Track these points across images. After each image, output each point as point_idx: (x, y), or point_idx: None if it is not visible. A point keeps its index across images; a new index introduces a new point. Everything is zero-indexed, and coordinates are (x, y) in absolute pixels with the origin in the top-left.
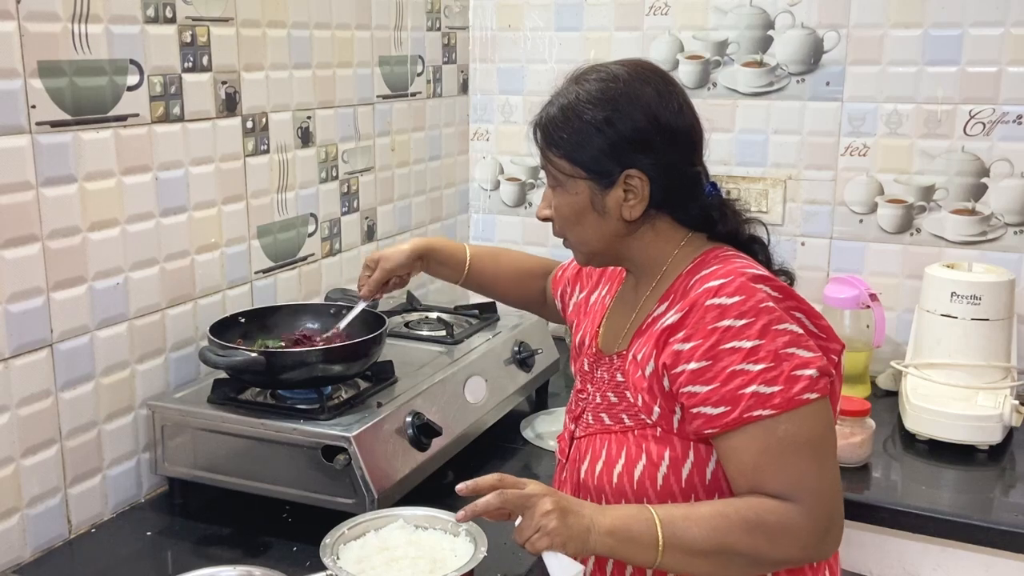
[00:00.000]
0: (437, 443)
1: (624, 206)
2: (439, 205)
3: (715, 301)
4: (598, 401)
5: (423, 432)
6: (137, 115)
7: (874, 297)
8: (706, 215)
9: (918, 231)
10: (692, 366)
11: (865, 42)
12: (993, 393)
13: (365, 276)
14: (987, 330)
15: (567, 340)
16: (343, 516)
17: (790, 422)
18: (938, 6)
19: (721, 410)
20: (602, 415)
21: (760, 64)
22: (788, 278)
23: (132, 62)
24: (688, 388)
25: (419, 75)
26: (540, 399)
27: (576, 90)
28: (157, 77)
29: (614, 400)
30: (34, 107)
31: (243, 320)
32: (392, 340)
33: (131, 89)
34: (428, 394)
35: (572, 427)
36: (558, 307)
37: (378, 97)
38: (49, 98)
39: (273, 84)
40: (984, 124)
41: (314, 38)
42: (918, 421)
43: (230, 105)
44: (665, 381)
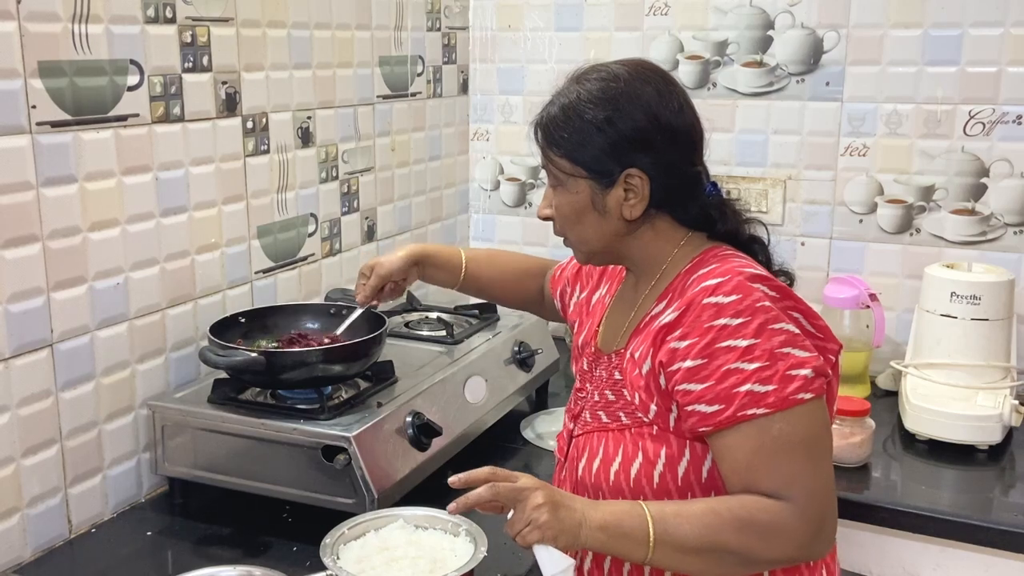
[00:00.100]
0: (437, 443)
1: (624, 205)
2: (439, 205)
3: (712, 300)
4: (596, 399)
5: (423, 432)
6: (137, 115)
7: (874, 297)
8: (706, 215)
9: (918, 231)
10: (688, 364)
11: (865, 42)
12: (993, 393)
13: (361, 284)
14: (987, 330)
15: (567, 340)
16: (343, 516)
17: (784, 421)
18: (938, 6)
19: (715, 408)
20: (600, 413)
21: (760, 64)
22: (788, 279)
23: (132, 62)
24: (683, 386)
25: (419, 75)
26: (540, 399)
27: (577, 89)
28: (157, 77)
29: (612, 398)
30: (34, 107)
31: (243, 320)
32: (392, 340)
33: (131, 89)
34: (428, 394)
35: (571, 426)
36: (558, 307)
37: (378, 97)
38: (49, 98)
39: (273, 84)
40: (984, 124)
41: (314, 38)
42: (918, 421)
43: (230, 105)
44: (661, 379)
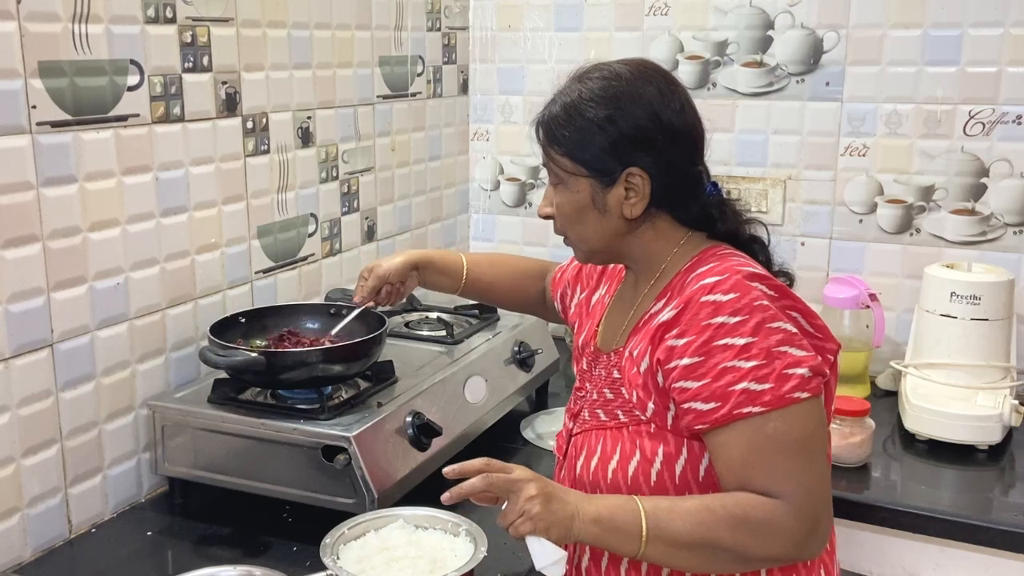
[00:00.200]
0: (437, 443)
1: (625, 204)
2: (439, 205)
3: (710, 298)
4: (595, 398)
5: (423, 432)
6: (137, 115)
7: (874, 297)
8: (706, 214)
9: (918, 231)
10: (685, 362)
11: (865, 42)
12: (993, 393)
13: (360, 285)
14: (986, 330)
15: (567, 340)
16: (343, 516)
17: (780, 420)
18: (938, 6)
19: (711, 406)
20: (598, 411)
21: (760, 64)
22: (788, 279)
23: (132, 62)
24: (680, 383)
25: (419, 75)
26: (540, 399)
27: (579, 88)
28: (157, 77)
29: (610, 396)
30: (35, 107)
31: (243, 320)
32: (392, 340)
33: (131, 89)
34: (428, 394)
35: (570, 425)
36: (558, 309)
37: (378, 97)
38: (49, 98)
39: (273, 84)
40: (984, 124)
41: (314, 38)
42: (918, 421)
43: (230, 105)
44: (659, 377)
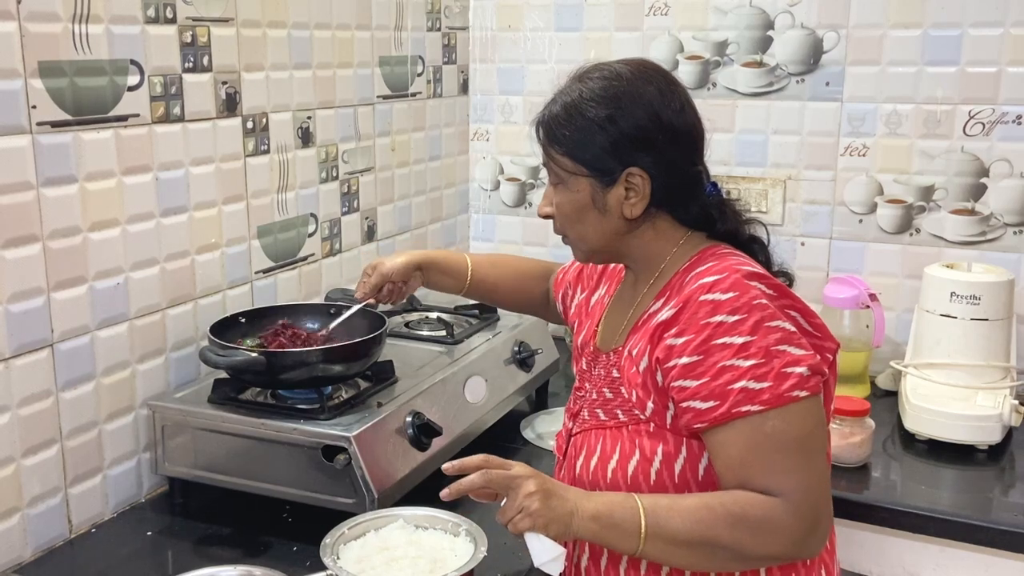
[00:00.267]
0: (437, 443)
1: (625, 204)
2: (439, 205)
3: (709, 297)
4: (594, 397)
5: (423, 432)
6: (137, 115)
7: (874, 297)
8: (706, 214)
9: (918, 231)
10: (684, 360)
11: (865, 42)
12: (992, 393)
13: (362, 282)
14: (986, 330)
15: (567, 340)
16: (343, 516)
17: (778, 419)
18: (938, 6)
19: (710, 405)
20: (598, 411)
21: (760, 64)
22: (787, 279)
23: (132, 62)
24: (679, 382)
25: (419, 75)
26: (540, 399)
27: (579, 88)
28: (157, 77)
29: (609, 396)
30: (35, 107)
31: (243, 320)
32: (392, 340)
33: (131, 89)
34: (428, 394)
35: (570, 424)
36: (559, 310)
37: (378, 97)
38: (50, 98)
39: (273, 84)
40: (983, 124)
41: (314, 38)
42: (918, 421)
43: (230, 105)
44: (658, 376)
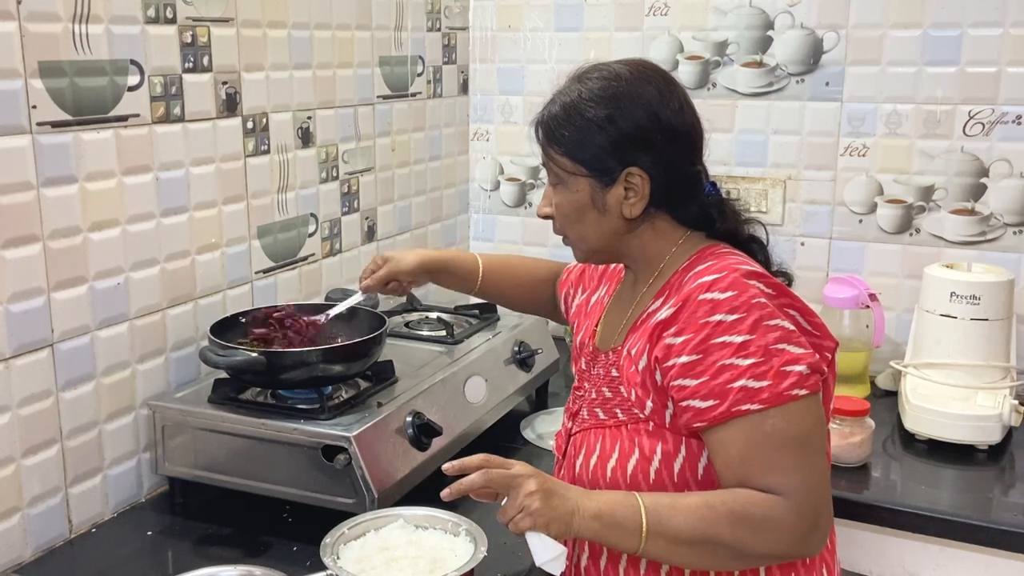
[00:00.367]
0: (437, 443)
1: (624, 204)
2: (439, 205)
3: (708, 296)
4: (593, 397)
5: (423, 432)
6: (138, 115)
7: (873, 297)
8: (705, 214)
9: (917, 231)
10: (683, 359)
11: (864, 42)
12: (992, 393)
13: (370, 270)
14: (986, 330)
15: (567, 340)
16: (343, 516)
17: (778, 417)
18: (938, 6)
19: (710, 404)
20: (597, 410)
21: (760, 64)
22: (786, 279)
23: (133, 62)
24: (678, 381)
25: (419, 75)
26: (540, 399)
27: (578, 88)
28: (158, 77)
29: (608, 395)
30: (35, 107)
31: (243, 320)
32: (392, 340)
33: (132, 89)
34: (428, 394)
35: (569, 424)
36: (562, 309)
37: (378, 97)
38: (50, 98)
39: (273, 84)
40: (983, 124)
41: (314, 38)
42: (917, 421)
43: (230, 105)
44: (657, 375)
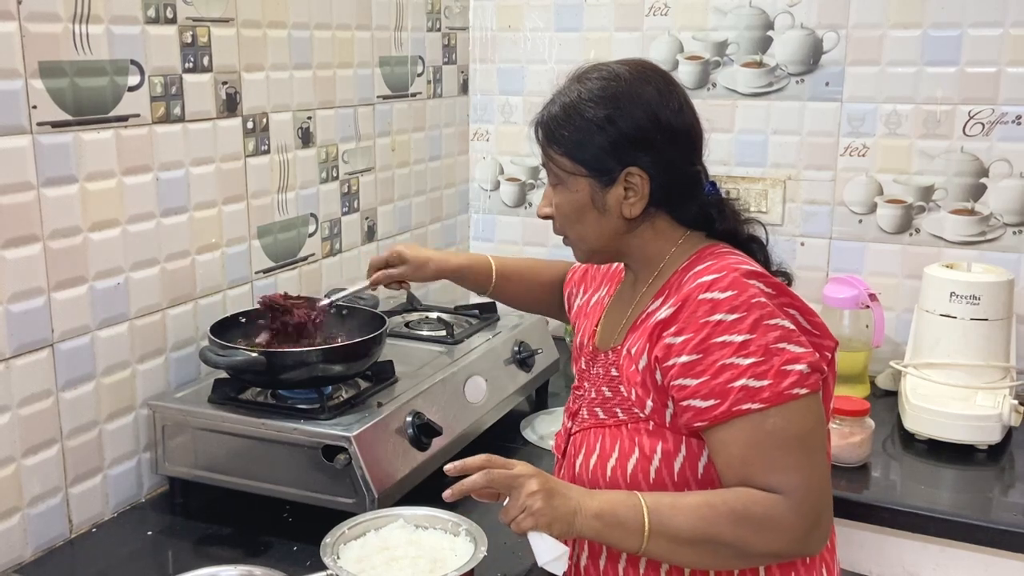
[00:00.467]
0: (437, 443)
1: (624, 204)
2: (439, 205)
3: (708, 296)
4: (593, 396)
5: (423, 432)
6: (138, 115)
7: (873, 297)
8: (705, 214)
9: (917, 231)
10: (683, 359)
11: (864, 42)
12: (992, 393)
13: (383, 261)
14: (986, 330)
15: (567, 340)
16: (343, 516)
17: (779, 416)
18: (937, 6)
19: (710, 403)
20: (597, 410)
21: (760, 64)
22: (786, 279)
23: (133, 62)
24: (679, 381)
25: (419, 75)
26: (540, 399)
27: (578, 88)
28: (158, 77)
29: (608, 395)
30: (35, 107)
31: (243, 320)
32: (392, 340)
33: (132, 89)
34: (428, 394)
35: (569, 424)
36: (566, 309)
37: (378, 97)
38: (50, 98)
39: (273, 84)
40: (983, 124)
41: (314, 38)
42: (917, 421)
43: (231, 105)
44: (657, 374)
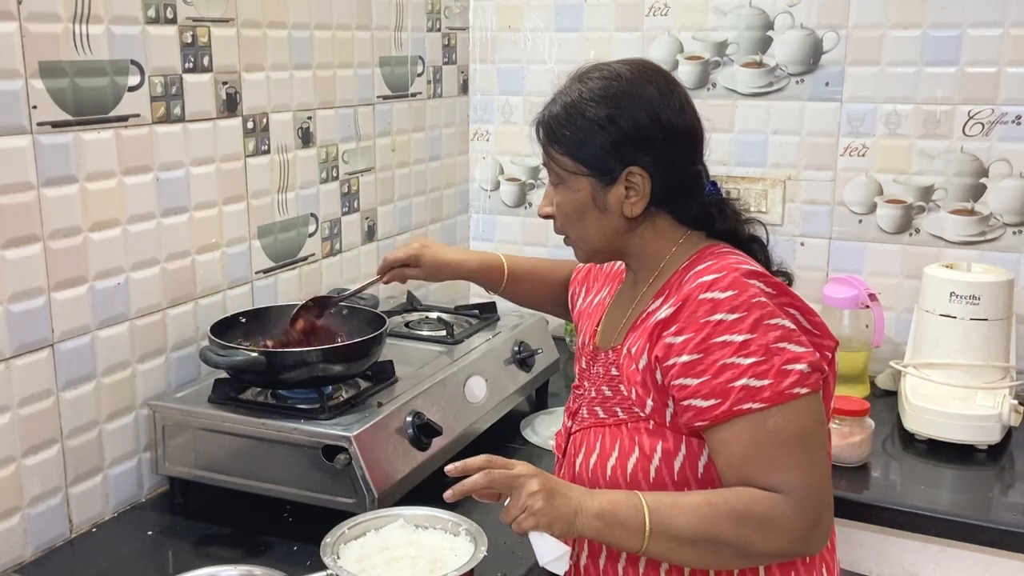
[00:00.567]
0: (437, 443)
1: (625, 203)
2: (439, 205)
3: (708, 295)
4: (593, 395)
5: (423, 432)
6: (138, 115)
7: (873, 297)
8: (706, 213)
9: (917, 231)
10: (684, 359)
11: (864, 43)
12: (992, 393)
13: (399, 261)
14: (986, 330)
15: (567, 340)
16: (343, 516)
17: (780, 416)
18: (937, 6)
19: (711, 403)
20: (597, 409)
21: (759, 64)
22: (787, 279)
23: (133, 63)
24: (679, 381)
25: (419, 75)
26: (540, 399)
27: (579, 88)
28: (158, 77)
29: (608, 394)
30: (35, 107)
31: (244, 320)
32: (392, 340)
33: (132, 90)
34: (428, 394)
35: (569, 423)
36: (569, 309)
37: (378, 97)
38: (50, 98)
39: (274, 84)
40: (983, 124)
41: (315, 39)
42: (917, 421)
43: (231, 105)
44: (658, 374)
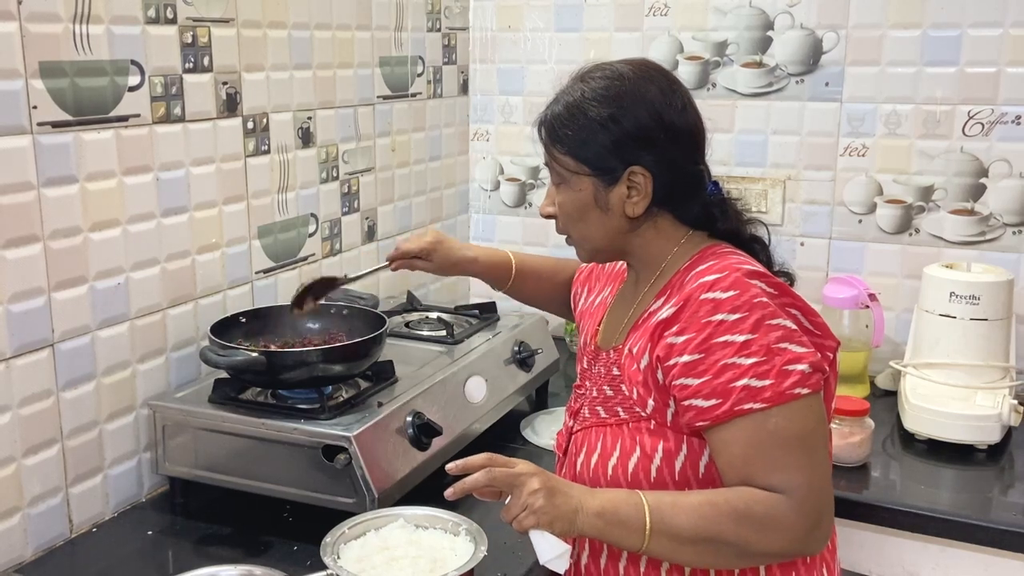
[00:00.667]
0: (437, 443)
1: (627, 203)
2: (439, 205)
3: (709, 295)
4: (594, 395)
5: (423, 432)
6: (138, 115)
7: (873, 297)
8: (707, 213)
9: (917, 231)
10: (685, 359)
11: (864, 43)
12: (992, 393)
13: (411, 253)
14: (986, 330)
15: (567, 340)
16: (343, 515)
17: (780, 416)
18: (937, 7)
19: (712, 403)
20: (598, 409)
21: (759, 65)
22: (788, 279)
23: (133, 63)
24: (680, 380)
25: (419, 76)
26: (540, 399)
27: (581, 88)
28: (158, 78)
29: (610, 394)
30: (35, 107)
31: (244, 320)
32: (392, 340)
33: (132, 90)
34: (428, 394)
35: (570, 423)
36: (572, 308)
37: (378, 97)
38: (50, 98)
39: (274, 85)
40: (983, 124)
41: (315, 39)
42: (917, 421)
43: (231, 105)
44: (659, 374)
